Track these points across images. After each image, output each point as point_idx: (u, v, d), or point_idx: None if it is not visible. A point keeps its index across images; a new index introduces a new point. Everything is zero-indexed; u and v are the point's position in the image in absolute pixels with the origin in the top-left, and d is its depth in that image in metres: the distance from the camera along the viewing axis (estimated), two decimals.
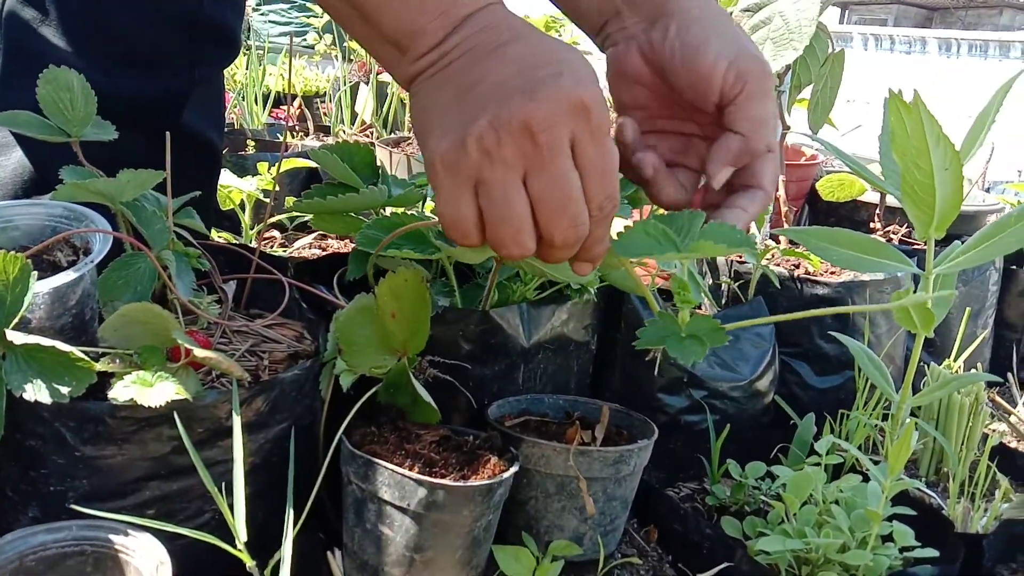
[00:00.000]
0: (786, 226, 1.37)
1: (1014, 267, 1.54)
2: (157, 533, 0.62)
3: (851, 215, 1.59)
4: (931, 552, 0.81)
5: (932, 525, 0.89)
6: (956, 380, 0.92)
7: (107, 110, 0.83)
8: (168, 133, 0.80)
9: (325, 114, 2.64)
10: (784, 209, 1.39)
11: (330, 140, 2.35)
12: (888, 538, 0.83)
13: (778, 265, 1.24)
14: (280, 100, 2.59)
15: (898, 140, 0.69)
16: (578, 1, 0.76)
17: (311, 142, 2.25)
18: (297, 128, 2.38)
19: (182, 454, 0.65)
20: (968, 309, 1.33)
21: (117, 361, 0.66)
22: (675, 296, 0.68)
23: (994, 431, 1.29)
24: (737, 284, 1.19)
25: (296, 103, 2.51)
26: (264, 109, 2.45)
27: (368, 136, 2.38)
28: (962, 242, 0.80)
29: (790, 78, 1.39)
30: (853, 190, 1.52)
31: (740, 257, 1.21)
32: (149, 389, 0.63)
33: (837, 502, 0.86)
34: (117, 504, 0.66)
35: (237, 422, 0.66)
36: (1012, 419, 1.32)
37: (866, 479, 0.88)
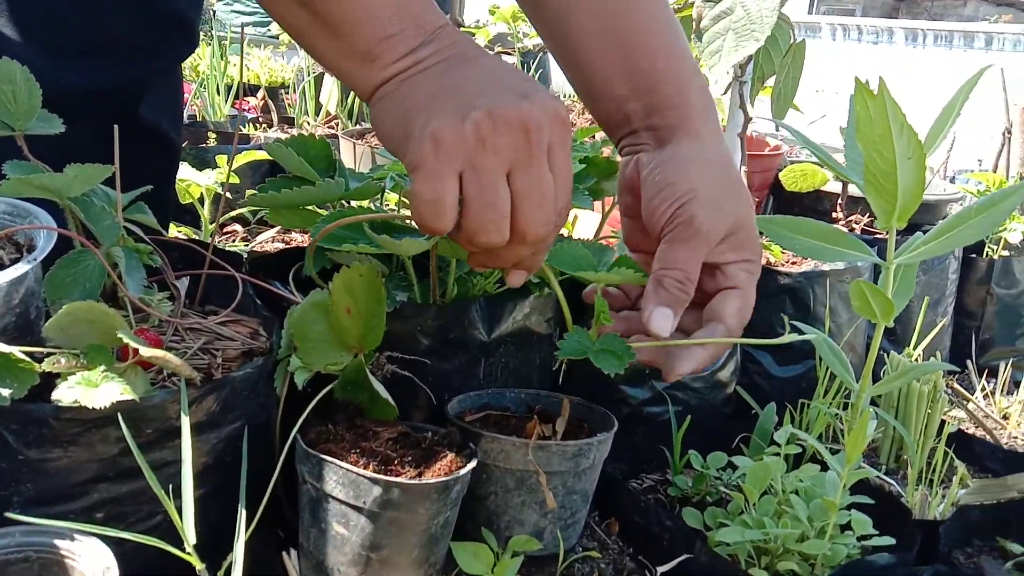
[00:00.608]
0: None
1: (974, 256, 1.56)
2: (105, 537, 0.61)
3: (814, 205, 1.60)
4: (888, 540, 0.82)
5: (891, 512, 0.89)
6: (915, 369, 0.92)
7: (61, 103, 0.80)
8: (118, 126, 0.78)
9: (290, 105, 2.61)
10: None
11: (295, 132, 2.31)
12: (847, 527, 0.84)
13: None
14: (244, 91, 2.56)
15: (862, 128, 0.69)
16: (605, 110, 0.80)
17: (274, 134, 2.22)
18: (260, 120, 2.35)
19: (131, 456, 0.63)
20: (928, 298, 1.35)
21: (62, 361, 0.65)
22: (596, 316, 0.73)
23: (952, 418, 1.31)
24: None
25: (260, 94, 2.48)
26: (227, 100, 2.41)
27: (333, 128, 2.35)
28: (924, 232, 0.81)
29: (752, 69, 1.39)
30: (816, 180, 1.53)
31: None
32: (94, 390, 0.62)
33: (797, 492, 0.86)
34: (64, 508, 0.65)
35: (185, 422, 0.64)
36: (970, 406, 1.33)
37: (826, 468, 0.88)
